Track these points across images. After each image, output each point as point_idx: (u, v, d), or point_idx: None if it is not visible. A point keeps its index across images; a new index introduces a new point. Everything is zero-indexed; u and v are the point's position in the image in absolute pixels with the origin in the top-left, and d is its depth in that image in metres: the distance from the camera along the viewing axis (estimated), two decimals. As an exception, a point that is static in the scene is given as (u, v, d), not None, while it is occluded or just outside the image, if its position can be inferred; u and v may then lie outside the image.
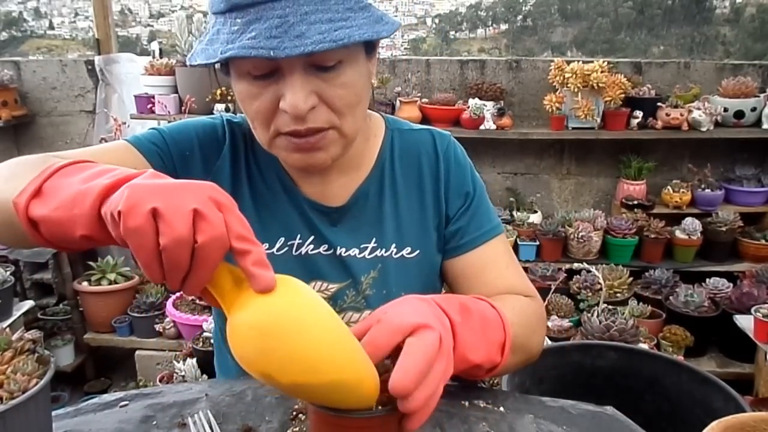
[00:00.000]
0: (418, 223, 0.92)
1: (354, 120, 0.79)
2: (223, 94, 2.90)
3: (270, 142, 0.80)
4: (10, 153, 3.43)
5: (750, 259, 2.83)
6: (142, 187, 0.51)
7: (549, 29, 22.44)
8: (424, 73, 3.14)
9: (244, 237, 0.52)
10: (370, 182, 0.92)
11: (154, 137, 0.88)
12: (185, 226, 0.50)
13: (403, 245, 0.91)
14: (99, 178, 0.56)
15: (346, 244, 0.90)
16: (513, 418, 0.78)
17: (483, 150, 3.10)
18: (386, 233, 0.91)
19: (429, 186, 0.93)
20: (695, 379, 1.00)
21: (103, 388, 2.81)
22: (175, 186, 0.52)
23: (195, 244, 0.50)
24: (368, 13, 0.74)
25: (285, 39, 0.68)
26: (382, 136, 0.94)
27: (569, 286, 2.78)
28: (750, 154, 3.00)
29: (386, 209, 0.91)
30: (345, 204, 0.91)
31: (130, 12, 20.45)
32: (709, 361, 2.66)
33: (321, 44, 0.68)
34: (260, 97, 0.75)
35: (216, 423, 0.73)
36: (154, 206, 0.50)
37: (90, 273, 2.80)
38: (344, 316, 0.90)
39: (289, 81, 0.73)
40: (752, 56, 16.78)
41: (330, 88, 0.74)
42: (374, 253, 0.90)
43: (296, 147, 0.78)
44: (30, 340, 0.67)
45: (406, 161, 0.94)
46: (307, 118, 0.74)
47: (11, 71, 3.29)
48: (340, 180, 0.91)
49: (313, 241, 0.90)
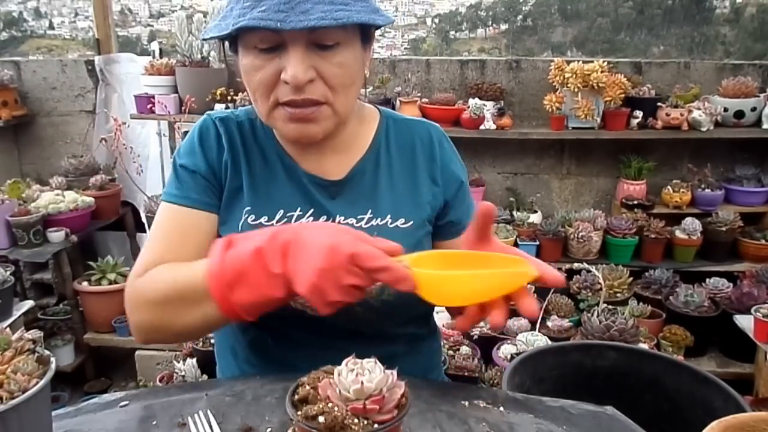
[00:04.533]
0: (412, 198, 0.98)
1: (346, 100, 0.88)
2: (223, 94, 2.90)
3: (269, 113, 0.87)
4: (10, 153, 3.43)
5: (750, 259, 2.83)
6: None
7: (549, 29, 22.45)
8: (424, 73, 3.14)
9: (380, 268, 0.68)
10: (366, 161, 0.98)
11: (188, 182, 0.94)
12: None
13: (397, 217, 0.96)
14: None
15: (344, 214, 0.95)
16: (513, 418, 0.78)
17: (483, 150, 3.10)
18: (381, 206, 0.96)
19: (423, 166, 1.00)
20: (695, 379, 1.00)
21: (103, 388, 2.80)
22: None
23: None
24: (366, 3, 0.83)
25: (291, 14, 0.77)
26: (377, 122, 1.02)
27: (569, 286, 2.77)
28: (750, 154, 3.00)
29: (382, 185, 0.97)
30: (343, 178, 0.97)
31: (130, 12, 20.47)
32: (709, 361, 2.66)
33: (323, 21, 0.77)
34: (263, 69, 0.83)
35: (216, 423, 0.73)
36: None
37: (90, 273, 2.80)
38: None
39: (291, 54, 0.81)
40: (752, 56, 16.77)
41: (327, 65, 0.83)
42: (370, 222, 0.96)
43: (292, 117, 0.86)
44: (30, 340, 0.67)
45: (401, 144, 1.01)
46: (304, 89, 0.83)
47: (11, 71, 3.29)
48: (336, 157, 0.97)
49: (313, 213, 0.95)
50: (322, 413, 0.60)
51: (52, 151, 3.44)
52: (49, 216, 2.70)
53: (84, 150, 3.34)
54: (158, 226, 0.93)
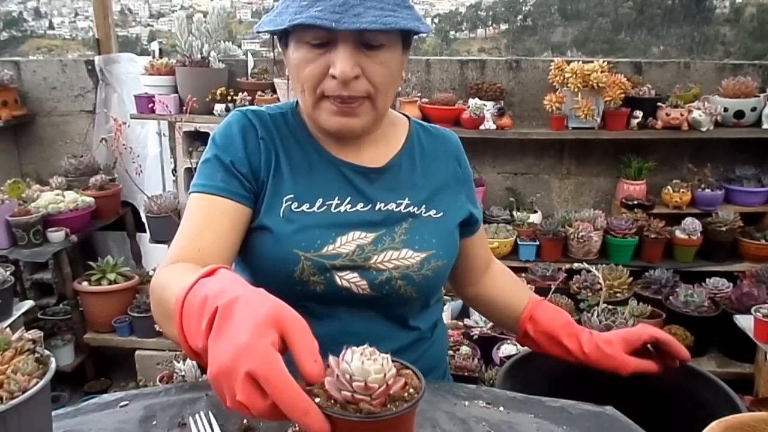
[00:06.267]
0: (445, 193, 1.06)
1: (386, 97, 0.94)
2: (223, 94, 2.90)
3: (315, 104, 0.93)
4: (10, 153, 3.43)
5: (750, 259, 2.83)
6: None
7: (549, 29, 22.43)
8: (424, 73, 3.14)
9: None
10: (402, 155, 1.05)
11: (218, 173, 0.96)
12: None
13: (431, 207, 1.03)
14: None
15: (383, 200, 1.00)
16: (513, 418, 0.78)
17: (483, 150, 3.10)
18: (417, 196, 1.03)
19: (451, 170, 1.09)
20: (685, 373, 1.01)
21: (103, 388, 2.80)
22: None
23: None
24: (411, 12, 0.91)
25: (345, 16, 0.83)
26: (407, 126, 1.09)
27: (569, 286, 2.77)
28: (750, 154, 3.00)
29: (417, 179, 1.04)
30: (383, 166, 1.02)
31: (130, 12, 20.46)
32: (709, 361, 2.65)
33: (374, 24, 0.83)
34: (314, 63, 0.89)
35: (216, 423, 0.73)
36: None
37: (90, 273, 2.80)
38: (385, 254, 0.98)
39: (341, 51, 0.87)
40: (752, 56, 16.76)
41: (372, 64, 0.90)
42: (408, 208, 1.01)
43: (337, 111, 0.92)
44: (30, 340, 0.67)
45: (434, 146, 1.09)
46: (350, 85, 0.89)
47: (11, 71, 3.29)
48: (374, 149, 1.03)
49: (351, 201, 0.99)
50: (318, 396, 0.61)
51: (52, 151, 3.44)
52: (49, 216, 2.70)
53: (84, 150, 3.34)
54: (186, 217, 0.95)
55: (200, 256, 0.88)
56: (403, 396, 0.62)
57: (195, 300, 0.66)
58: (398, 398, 0.62)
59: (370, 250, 0.97)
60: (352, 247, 0.96)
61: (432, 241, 1.00)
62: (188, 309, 0.67)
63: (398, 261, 0.98)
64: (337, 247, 0.95)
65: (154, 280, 0.86)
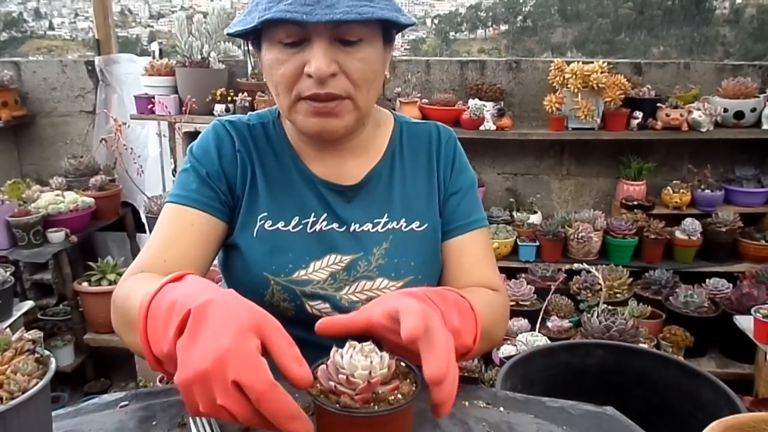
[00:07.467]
0: (426, 201, 0.99)
1: (367, 95, 0.88)
2: (222, 94, 2.90)
3: (291, 107, 0.88)
4: (10, 153, 3.43)
5: (750, 260, 2.83)
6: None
7: (549, 30, 22.43)
8: (424, 73, 3.14)
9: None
10: (382, 166, 0.99)
11: (193, 183, 0.93)
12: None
13: (412, 220, 0.97)
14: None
15: (359, 220, 0.96)
16: (513, 418, 0.78)
17: (483, 150, 3.10)
18: (396, 210, 0.97)
19: (436, 167, 1.01)
20: (683, 373, 1.01)
21: (103, 389, 2.80)
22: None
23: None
24: (389, 2, 0.85)
25: (317, 8, 0.78)
26: (391, 126, 1.03)
27: (569, 287, 2.77)
28: (750, 155, 3.00)
29: (396, 189, 0.99)
30: (359, 183, 0.97)
31: (130, 12, 20.45)
32: (709, 361, 2.66)
33: (348, 15, 0.78)
34: (287, 63, 0.84)
35: (216, 423, 0.73)
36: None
37: (90, 273, 2.80)
38: (357, 284, 0.94)
39: (316, 48, 0.82)
40: (752, 57, 16.76)
41: (350, 60, 0.84)
42: (386, 226, 0.96)
43: (315, 111, 0.86)
44: (30, 341, 0.67)
45: (415, 147, 1.02)
46: (327, 83, 0.83)
47: (11, 71, 3.29)
48: (352, 162, 0.98)
49: (326, 218, 0.95)
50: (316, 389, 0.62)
51: (52, 151, 3.45)
52: (49, 216, 2.70)
53: (84, 150, 3.34)
54: (157, 226, 0.93)
55: (166, 267, 0.84)
56: (388, 399, 0.62)
57: (162, 304, 0.64)
58: (383, 400, 0.62)
59: (343, 279, 0.93)
60: (324, 275, 0.93)
61: (411, 264, 0.94)
62: (154, 313, 0.64)
63: (371, 292, 0.93)
64: (309, 273, 0.92)
65: (116, 290, 0.83)
